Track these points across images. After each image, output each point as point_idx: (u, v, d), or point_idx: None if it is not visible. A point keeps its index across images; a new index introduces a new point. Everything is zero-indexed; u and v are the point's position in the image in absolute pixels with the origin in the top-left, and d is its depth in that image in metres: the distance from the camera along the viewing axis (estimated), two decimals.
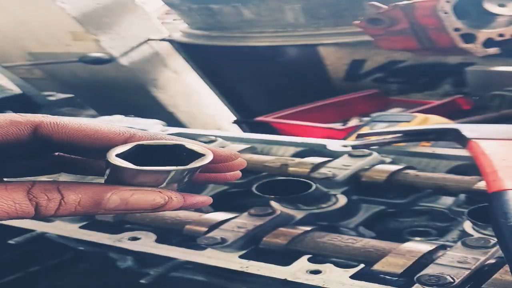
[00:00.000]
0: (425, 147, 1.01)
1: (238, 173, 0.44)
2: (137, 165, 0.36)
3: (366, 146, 0.92)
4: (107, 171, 0.38)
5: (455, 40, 1.61)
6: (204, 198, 0.44)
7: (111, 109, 1.60)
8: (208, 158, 0.38)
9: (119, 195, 0.37)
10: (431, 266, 0.65)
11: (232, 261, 0.71)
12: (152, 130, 1.14)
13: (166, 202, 0.38)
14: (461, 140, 0.81)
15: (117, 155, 0.37)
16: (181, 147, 0.39)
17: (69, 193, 0.37)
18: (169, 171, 0.37)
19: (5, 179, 0.39)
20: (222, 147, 1.01)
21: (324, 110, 2.06)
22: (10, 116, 0.39)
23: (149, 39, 2.67)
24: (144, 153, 0.38)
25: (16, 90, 1.75)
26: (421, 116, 1.50)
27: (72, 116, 1.39)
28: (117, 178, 0.37)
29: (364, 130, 1.52)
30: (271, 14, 2.32)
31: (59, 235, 0.81)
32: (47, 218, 0.83)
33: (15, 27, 2.64)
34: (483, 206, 0.74)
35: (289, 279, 0.67)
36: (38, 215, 0.37)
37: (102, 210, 0.37)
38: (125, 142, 0.39)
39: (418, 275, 0.63)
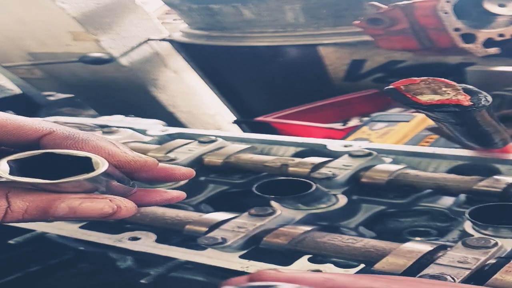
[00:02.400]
0: (425, 147, 1.01)
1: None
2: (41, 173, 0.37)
3: None
4: None
5: (455, 40, 1.61)
6: (178, 193, 0.44)
7: (111, 109, 1.60)
8: (102, 168, 0.38)
9: (67, 203, 0.38)
10: (431, 266, 0.65)
11: (232, 261, 0.71)
12: (152, 130, 1.14)
13: (115, 211, 0.39)
14: None
15: (11, 161, 0.38)
16: (52, 155, 0.39)
17: (16, 201, 0.37)
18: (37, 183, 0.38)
19: None
20: (222, 147, 1.01)
21: (324, 110, 2.06)
22: None
23: (149, 39, 2.67)
24: (53, 160, 0.39)
25: (16, 90, 1.75)
26: (420, 116, 1.50)
27: (72, 116, 1.39)
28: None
29: (364, 130, 1.52)
30: (271, 14, 2.32)
31: (59, 235, 0.81)
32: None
33: (15, 27, 2.64)
34: (484, 206, 0.74)
35: None
36: None
37: (51, 217, 0.38)
38: (41, 138, 0.40)
39: (418, 275, 0.63)
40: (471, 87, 0.67)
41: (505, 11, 1.64)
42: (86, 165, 0.39)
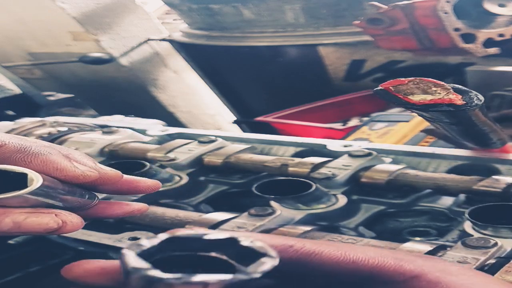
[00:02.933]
0: (425, 147, 1.01)
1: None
2: None
3: None
4: None
5: (455, 40, 1.61)
6: (140, 206, 0.44)
7: (111, 109, 1.60)
8: (36, 185, 0.38)
9: (12, 218, 0.37)
10: None
11: None
12: (152, 130, 1.14)
13: (60, 226, 0.38)
14: None
15: None
16: (15, 174, 0.39)
17: None
18: None
19: None
20: (222, 147, 1.01)
21: (324, 110, 2.05)
22: None
23: (149, 39, 2.67)
24: None
25: (16, 90, 1.75)
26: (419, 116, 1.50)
27: (72, 116, 1.39)
28: None
29: (364, 130, 1.52)
30: (271, 14, 2.32)
31: (59, 235, 0.81)
32: None
33: (15, 27, 2.64)
34: (483, 206, 0.74)
35: None
36: None
37: None
38: None
39: None
40: (460, 86, 0.67)
41: (505, 11, 1.64)
42: (26, 180, 0.38)
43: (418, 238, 0.79)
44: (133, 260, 0.30)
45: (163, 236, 0.33)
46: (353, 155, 0.93)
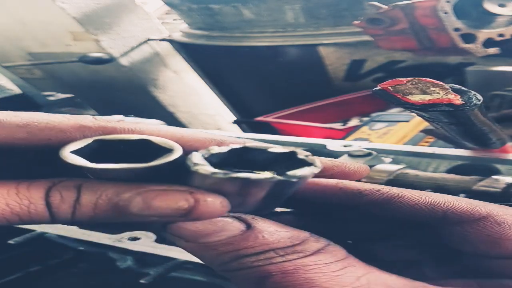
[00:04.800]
0: (425, 147, 1.01)
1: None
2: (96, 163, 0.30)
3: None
4: None
5: (455, 40, 1.61)
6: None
7: (111, 109, 1.60)
8: (176, 153, 0.32)
9: (143, 196, 0.31)
10: None
11: None
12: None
13: (191, 206, 0.30)
14: None
15: (72, 152, 0.31)
16: (146, 142, 0.33)
17: (87, 193, 0.31)
18: (128, 170, 0.30)
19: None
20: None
21: (324, 110, 2.05)
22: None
23: (149, 39, 2.67)
24: (106, 150, 0.32)
25: (16, 90, 1.75)
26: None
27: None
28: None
29: (364, 130, 1.52)
30: (271, 14, 2.32)
31: (59, 235, 0.81)
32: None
33: (15, 27, 2.64)
34: None
35: None
36: (54, 219, 0.31)
37: (123, 214, 0.31)
38: (82, 136, 0.33)
39: None
40: (458, 86, 0.67)
41: (505, 11, 1.64)
42: (139, 155, 0.32)
43: None
44: (197, 158, 0.30)
45: (233, 145, 0.33)
46: (353, 155, 0.93)
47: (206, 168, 0.30)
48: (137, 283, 0.72)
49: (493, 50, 1.59)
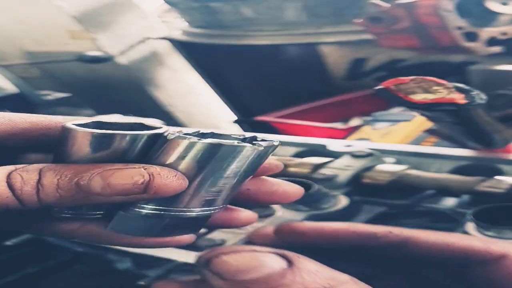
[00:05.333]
0: (428, 147, 1.00)
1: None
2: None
3: None
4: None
5: (458, 39, 1.60)
6: (250, 214, 0.39)
7: (109, 108, 1.59)
8: (164, 128, 0.34)
9: (101, 175, 0.32)
10: None
11: None
12: None
13: (147, 180, 0.32)
14: None
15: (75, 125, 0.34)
16: (141, 126, 0.35)
17: (47, 174, 0.32)
18: (125, 135, 0.33)
19: None
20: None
21: (325, 110, 2.05)
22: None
23: (147, 38, 2.66)
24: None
25: (13, 89, 1.74)
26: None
27: (70, 116, 1.38)
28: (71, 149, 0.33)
29: (366, 129, 1.51)
30: (271, 12, 2.31)
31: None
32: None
33: (12, 26, 2.63)
34: (488, 207, 0.73)
35: None
36: (20, 201, 0.32)
37: (86, 194, 0.32)
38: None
39: None
40: (462, 85, 0.67)
41: (508, 10, 1.63)
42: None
43: None
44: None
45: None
46: (355, 155, 0.92)
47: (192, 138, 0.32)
48: (135, 285, 0.71)
49: (496, 49, 1.58)
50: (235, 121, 2.44)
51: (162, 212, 0.34)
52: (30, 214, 0.35)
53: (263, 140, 0.34)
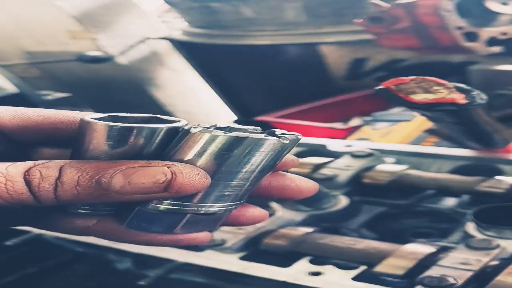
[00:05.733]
0: (428, 147, 1.00)
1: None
2: None
3: None
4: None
5: (458, 39, 1.60)
6: (260, 212, 0.37)
7: (109, 108, 1.59)
8: (183, 122, 0.33)
9: (124, 172, 0.31)
10: (433, 268, 0.64)
11: (232, 262, 0.70)
12: None
13: (168, 179, 0.31)
14: None
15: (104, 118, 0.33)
16: (156, 119, 0.35)
17: (68, 171, 0.31)
18: (143, 128, 0.32)
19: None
20: None
21: (325, 110, 2.04)
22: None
23: (147, 38, 2.66)
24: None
25: (13, 89, 1.74)
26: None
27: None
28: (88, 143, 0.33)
29: (366, 129, 1.51)
30: (271, 12, 2.31)
31: (56, 236, 0.80)
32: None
33: (12, 26, 2.63)
34: (488, 207, 0.74)
35: (289, 281, 0.66)
36: (36, 198, 0.31)
37: (105, 192, 0.31)
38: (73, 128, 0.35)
39: (420, 276, 0.63)
40: (462, 85, 0.67)
41: (508, 10, 1.63)
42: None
43: (420, 239, 0.78)
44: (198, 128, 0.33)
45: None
46: (355, 155, 0.92)
47: (216, 131, 0.31)
48: (135, 285, 0.71)
49: (496, 49, 1.58)
50: (235, 121, 2.44)
51: (181, 208, 0.33)
52: (44, 210, 0.34)
53: (283, 134, 0.33)
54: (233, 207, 0.34)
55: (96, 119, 0.33)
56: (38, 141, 0.37)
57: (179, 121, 0.34)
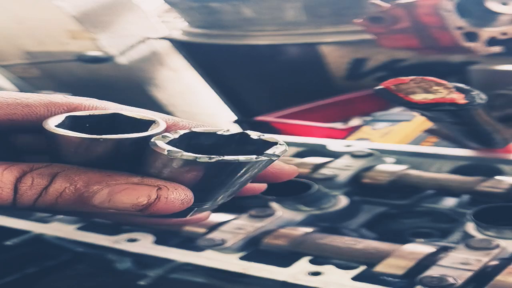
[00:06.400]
0: (428, 147, 1.00)
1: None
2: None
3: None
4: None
5: (458, 39, 1.60)
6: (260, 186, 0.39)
7: None
8: (161, 127, 0.32)
9: (111, 189, 0.30)
10: (433, 268, 0.64)
11: (232, 262, 0.70)
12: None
13: (149, 203, 0.30)
14: None
15: (70, 117, 0.32)
16: (120, 116, 0.33)
17: (58, 181, 0.30)
18: (107, 141, 0.30)
19: None
20: None
21: (325, 110, 2.04)
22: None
23: (147, 38, 2.66)
24: (79, 127, 0.32)
25: (13, 89, 1.74)
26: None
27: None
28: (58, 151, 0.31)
29: (366, 129, 1.51)
30: (271, 12, 2.31)
31: (56, 236, 0.80)
32: (43, 218, 0.82)
33: (12, 26, 2.62)
34: (488, 207, 0.74)
35: (289, 281, 0.66)
36: (14, 204, 0.31)
37: (84, 204, 0.30)
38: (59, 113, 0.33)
39: (420, 276, 0.63)
40: (462, 85, 0.67)
41: (508, 10, 1.63)
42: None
43: (420, 240, 0.78)
44: (165, 146, 0.30)
45: (181, 131, 0.32)
46: (355, 155, 0.92)
47: (190, 154, 0.30)
48: (135, 285, 0.71)
49: (496, 49, 1.58)
50: (235, 121, 2.44)
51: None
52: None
53: (259, 137, 0.33)
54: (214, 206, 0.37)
55: (57, 125, 0.31)
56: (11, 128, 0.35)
57: (150, 121, 0.32)
